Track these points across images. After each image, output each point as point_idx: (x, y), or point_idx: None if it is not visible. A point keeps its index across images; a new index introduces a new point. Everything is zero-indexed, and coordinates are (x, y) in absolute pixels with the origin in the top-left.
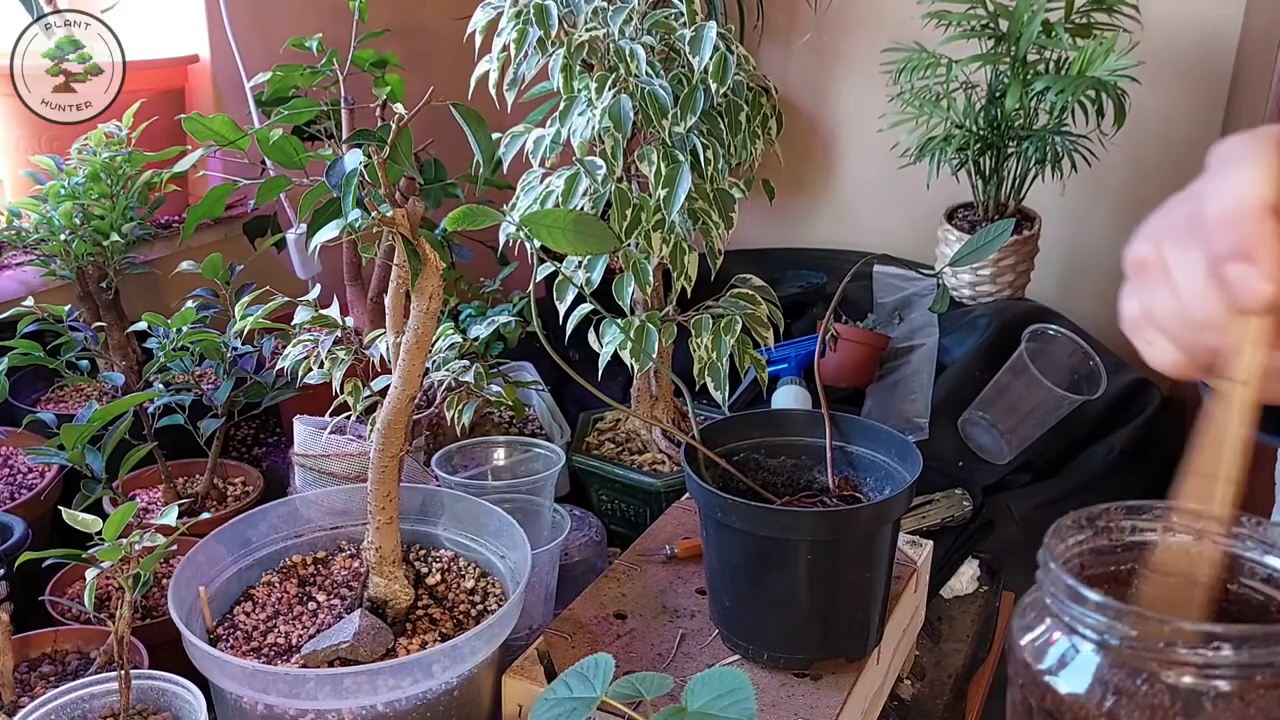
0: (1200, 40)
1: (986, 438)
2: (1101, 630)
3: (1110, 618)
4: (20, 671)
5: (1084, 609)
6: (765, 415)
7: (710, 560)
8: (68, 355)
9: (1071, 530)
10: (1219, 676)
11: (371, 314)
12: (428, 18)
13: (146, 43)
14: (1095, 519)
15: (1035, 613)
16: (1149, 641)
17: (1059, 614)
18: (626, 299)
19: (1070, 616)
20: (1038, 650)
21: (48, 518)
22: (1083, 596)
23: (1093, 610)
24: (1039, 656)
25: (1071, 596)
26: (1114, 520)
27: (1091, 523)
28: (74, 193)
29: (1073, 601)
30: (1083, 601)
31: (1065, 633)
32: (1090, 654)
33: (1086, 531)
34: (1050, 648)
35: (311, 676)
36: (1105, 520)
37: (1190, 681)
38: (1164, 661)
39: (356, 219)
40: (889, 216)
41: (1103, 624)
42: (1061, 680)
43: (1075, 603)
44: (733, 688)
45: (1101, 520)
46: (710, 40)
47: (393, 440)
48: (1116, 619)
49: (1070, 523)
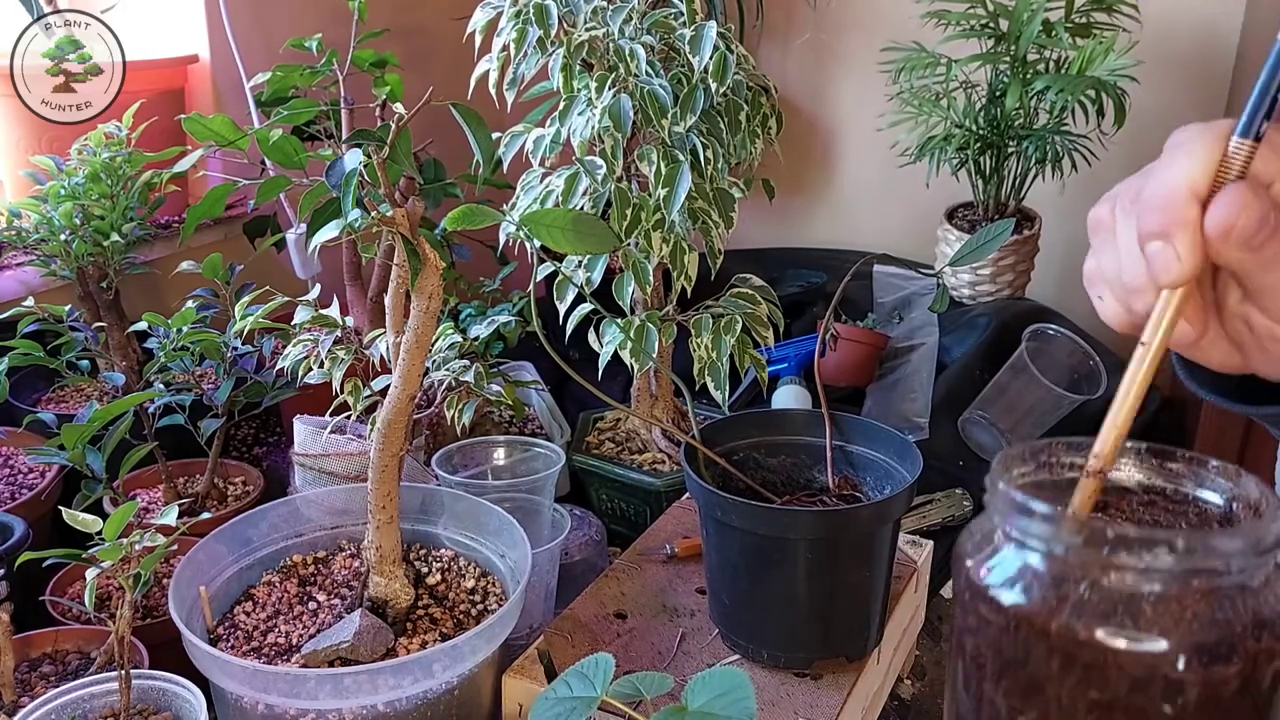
0: (1200, 40)
1: (986, 437)
2: (1047, 539)
3: (1055, 526)
4: (20, 671)
5: (1030, 520)
6: (765, 415)
7: (710, 560)
8: (68, 355)
9: (1016, 462)
10: (1158, 579)
11: (371, 314)
12: (428, 18)
13: (146, 43)
14: (1039, 453)
15: (981, 534)
16: (1093, 547)
17: (1007, 530)
18: (626, 299)
19: (1018, 530)
20: (985, 569)
21: (48, 518)
22: (1029, 509)
23: (1039, 520)
24: (986, 574)
25: (1019, 510)
26: (1055, 455)
27: (1035, 456)
28: (74, 193)
29: (1020, 514)
30: (1029, 513)
31: (1013, 547)
32: (1037, 564)
33: (1030, 464)
34: (998, 565)
35: (312, 676)
36: (1047, 455)
37: (1131, 585)
38: (1106, 566)
39: (356, 219)
40: (889, 216)
41: (1048, 533)
42: (1008, 593)
43: (1023, 515)
44: (733, 687)
45: (1044, 455)
46: (710, 40)
47: (393, 440)
48: (1061, 527)
49: (1015, 454)
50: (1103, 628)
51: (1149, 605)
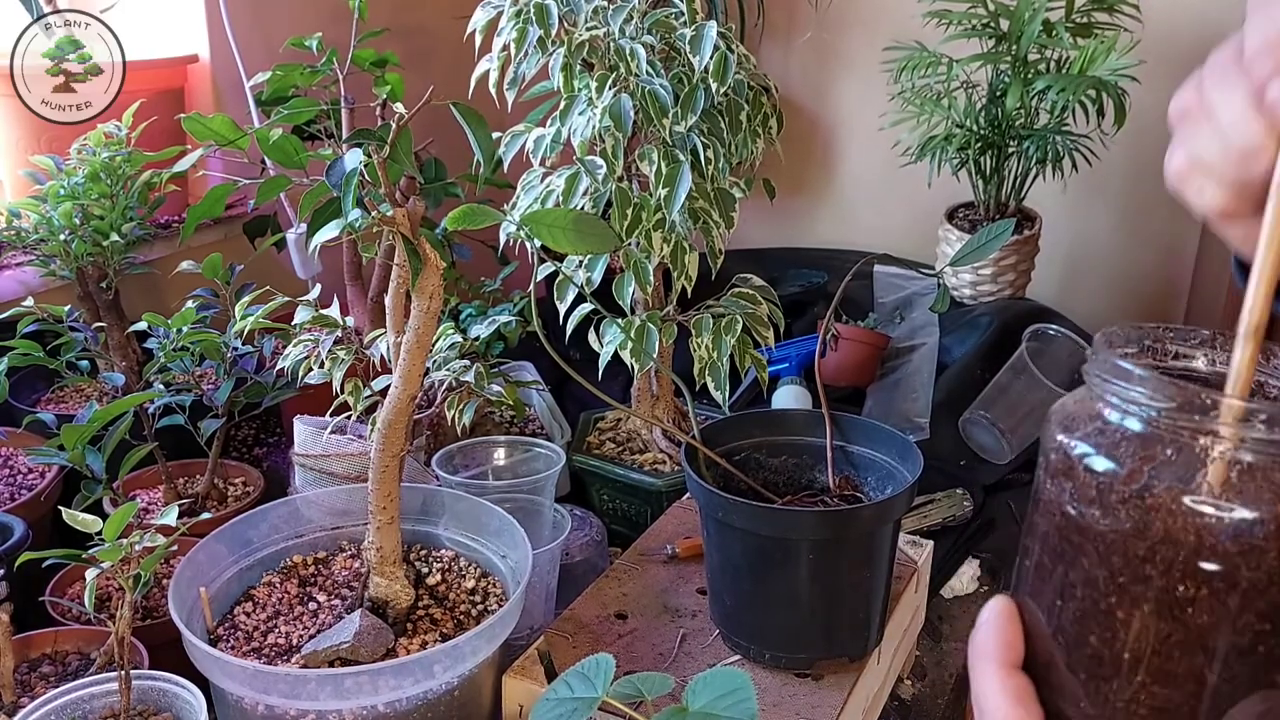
0: (1201, 40)
1: (987, 437)
2: (1143, 403)
3: (1152, 389)
4: (20, 672)
5: (1128, 383)
6: (766, 415)
7: (711, 560)
8: (68, 355)
9: (1120, 340)
10: (1249, 449)
11: (372, 314)
12: (428, 17)
13: (146, 43)
14: (1143, 336)
15: (1076, 403)
16: (1188, 412)
17: (1104, 394)
18: (627, 299)
19: (1114, 393)
20: (1078, 437)
21: (48, 518)
22: (1127, 371)
23: (1136, 384)
24: (1078, 444)
25: (1117, 374)
26: (1160, 342)
27: (1139, 340)
28: (74, 193)
29: (1118, 379)
30: (1127, 376)
31: (1110, 411)
32: (1132, 428)
33: (1134, 346)
34: (1091, 432)
35: (312, 677)
36: (1152, 340)
37: (1222, 451)
38: (1199, 431)
39: (356, 219)
40: (889, 216)
41: (1144, 395)
42: (1099, 459)
43: (1120, 379)
44: (734, 688)
45: (1149, 339)
46: (710, 39)
47: (393, 440)
48: (1158, 390)
49: (1120, 333)
50: (1190, 495)
51: (1235, 474)
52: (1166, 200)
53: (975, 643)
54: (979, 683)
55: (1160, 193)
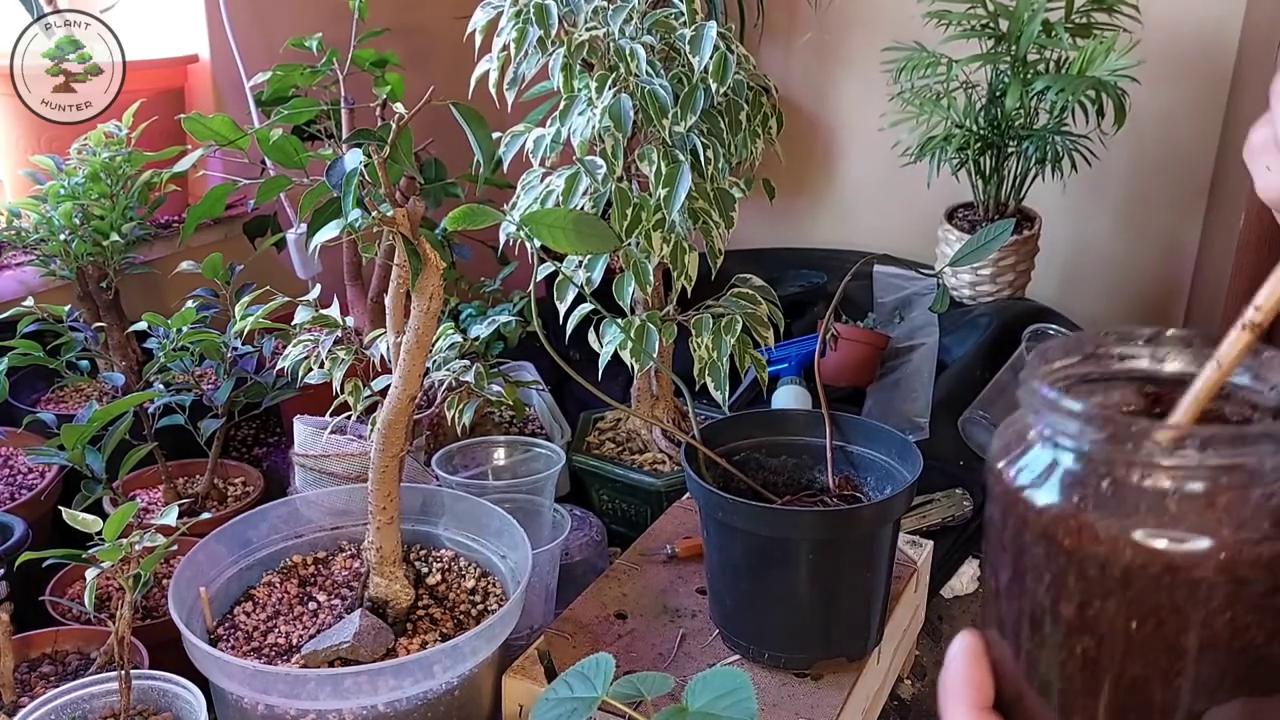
0: (1200, 40)
1: (987, 437)
2: (1075, 436)
3: (1083, 422)
4: (20, 671)
5: (1059, 417)
6: (765, 415)
7: (711, 560)
8: (68, 355)
9: (1058, 354)
10: (1186, 478)
11: (371, 314)
12: (428, 18)
13: (146, 43)
14: (1084, 343)
15: (1014, 432)
16: (1119, 444)
17: (1039, 427)
18: (627, 299)
19: (1048, 427)
20: (1017, 469)
21: (48, 518)
22: (1058, 405)
23: (1067, 417)
24: (1017, 475)
25: (1049, 406)
26: (1104, 346)
27: (1079, 347)
28: (74, 193)
29: (1050, 411)
30: (1058, 409)
31: (1044, 445)
32: (1067, 463)
33: (1074, 356)
34: (1029, 464)
35: (312, 677)
36: (1094, 346)
37: (1159, 483)
38: (1133, 463)
39: (356, 219)
40: (889, 216)
41: (1076, 429)
42: (1040, 493)
43: (1052, 411)
44: (734, 687)
45: (1089, 346)
46: (710, 40)
47: (393, 440)
48: (1088, 423)
49: (1058, 347)
50: (1141, 528)
51: (1174, 503)
52: (1166, 200)
53: (944, 683)
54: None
55: (1160, 193)
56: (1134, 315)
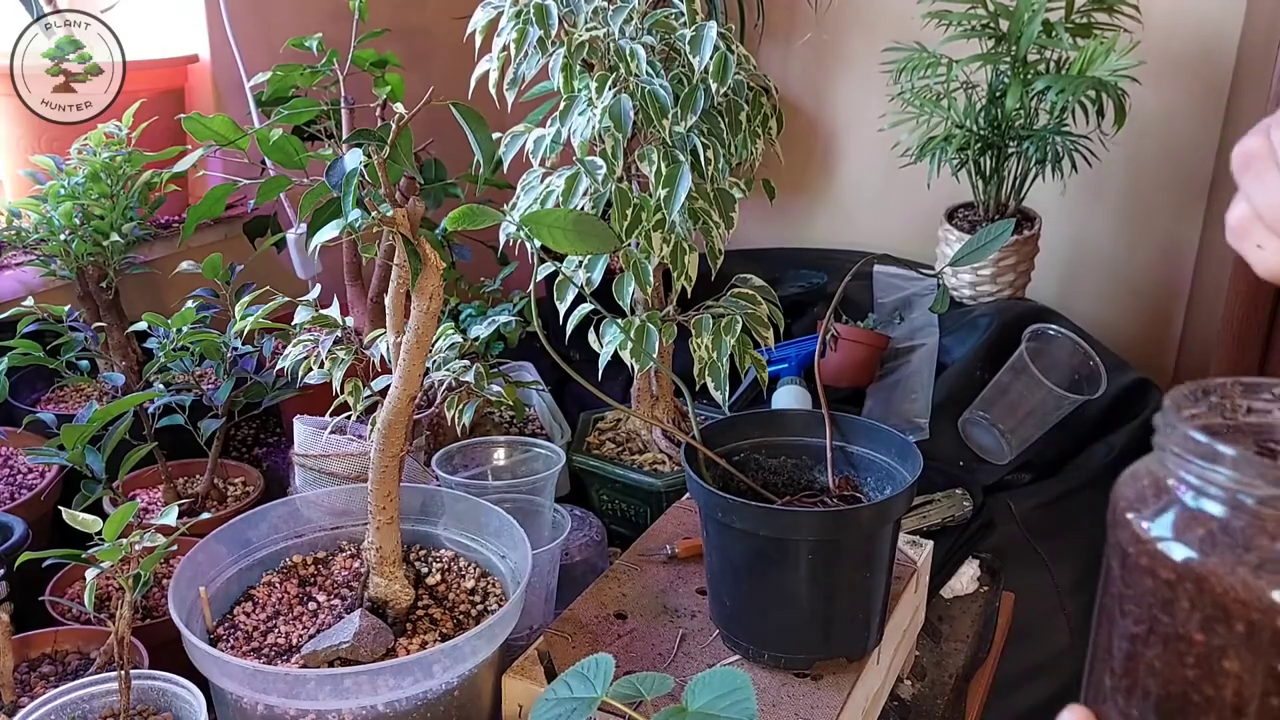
0: (1200, 40)
1: (987, 437)
2: (1232, 488)
3: (1244, 473)
4: (20, 671)
5: (1213, 465)
6: (765, 415)
7: (711, 560)
8: (68, 355)
9: (1187, 402)
10: None
11: (371, 314)
12: (428, 18)
13: (146, 43)
14: (1210, 392)
15: (1149, 479)
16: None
17: (1182, 474)
18: (627, 299)
19: (1196, 476)
20: (1151, 518)
21: (48, 518)
22: (1215, 452)
23: (1226, 466)
24: (1153, 525)
25: (1200, 453)
26: (1229, 397)
27: (1205, 397)
28: (74, 193)
29: (1201, 459)
30: (1215, 458)
31: (1190, 494)
32: (1218, 514)
33: (1200, 405)
34: (1167, 513)
35: (312, 677)
36: (1219, 396)
37: None
38: None
39: (356, 219)
40: (889, 216)
41: (1234, 479)
42: (1179, 547)
43: (1204, 459)
44: (733, 688)
45: (1216, 396)
46: (710, 40)
47: (393, 440)
48: (1251, 473)
49: (1185, 393)
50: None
51: None
52: (1166, 200)
53: None
54: None
55: (1160, 193)
56: (1134, 315)
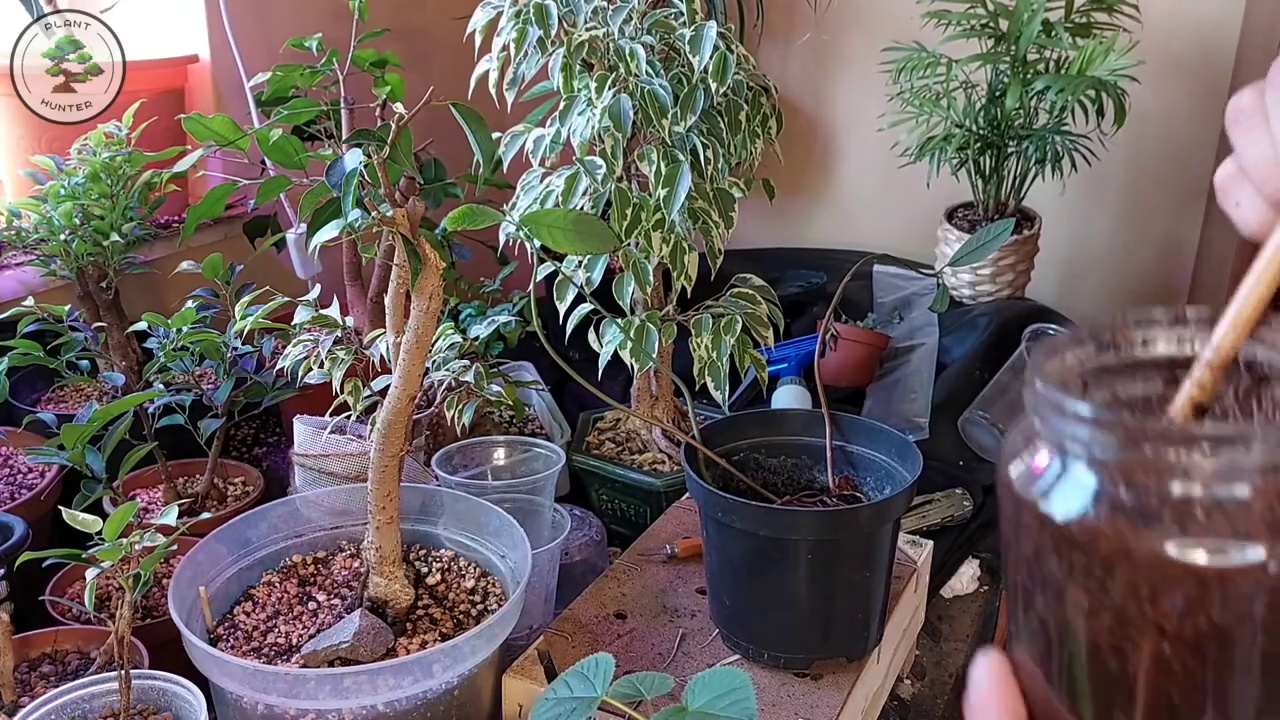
0: (1200, 40)
1: (987, 437)
2: (1085, 442)
3: (1091, 426)
4: (20, 671)
5: (1064, 421)
6: (765, 415)
7: (710, 560)
8: (68, 355)
9: (1069, 345)
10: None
11: (371, 314)
12: (428, 18)
13: (146, 43)
14: (1101, 333)
15: (1022, 438)
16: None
17: (1046, 434)
18: (626, 299)
19: (1055, 433)
20: (1026, 478)
21: (48, 518)
22: (1062, 407)
23: (1073, 421)
24: (1028, 484)
25: (1052, 409)
26: (1122, 334)
27: (1095, 337)
28: (74, 193)
29: (1054, 414)
30: (1062, 412)
31: (1052, 453)
32: (1079, 471)
33: (1089, 346)
34: (1040, 473)
35: (312, 676)
36: (1111, 334)
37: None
38: (1152, 468)
39: (356, 219)
40: (889, 216)
41: (1084, 434)
42: (1055, 505)
43: (1056, 415)
44: (733, 687)
45: (1108, 334)
46: (710, 40)
47: (393, 440)
48: (1096, 427)
49: (1067, 339)
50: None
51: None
52: (1166, 200)
53: (971, 708)
54: None
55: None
56: None
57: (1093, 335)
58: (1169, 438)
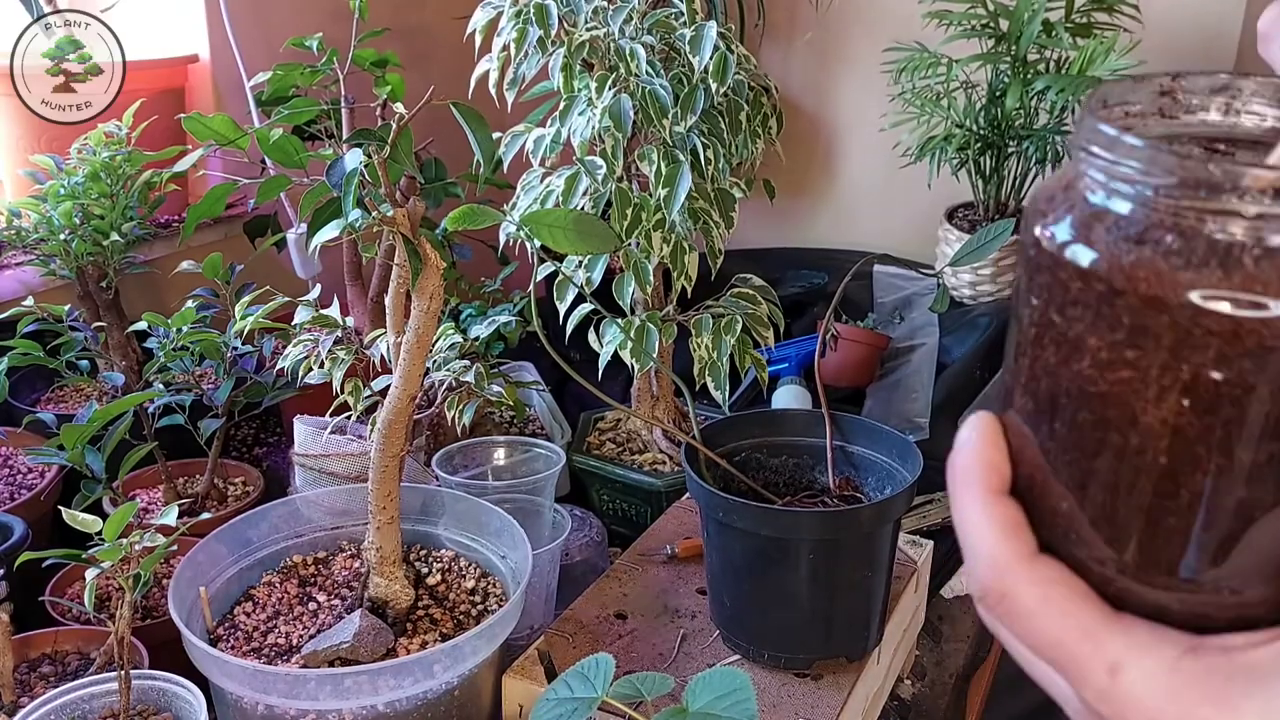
0: (1200, 40)
1: None
2: (1138, 179)
3: (1148, 162)
4: (20, 672)
5: (1119, 156)
6: (766, 415)
7: (711, 560)
8: (68, 355)
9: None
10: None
11: (372, 314)
12: (428, 18)
13: (146, 43)
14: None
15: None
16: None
17: (1091, 173)
18: (627, 299)
19: (1103, 173)
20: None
21: (48, 518)
22: (1121, 143)
23: (1129, 155)
24: (1058, 232)
25: (1107, 145)
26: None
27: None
28: (74, 192)
29: (1108, 150)
30: (1118, 147)
31: (1095, 194)
32: (1123, 211)
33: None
34: (1075, 218)
35: (312, 677)
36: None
37: (1236, 235)
38: (1207, 211)
39: (357, 219)
40: (889, 216)
41: (1139, 170)
42: (1084, 250)
43: (1110, 150)
44: (734, 688)
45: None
46: (710, 40)
47: (393, 440)
48: (1154, 163)
49: (1118, 89)
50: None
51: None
52: None
53: (955, 467)
54: (961, 512)
55: None
56: None
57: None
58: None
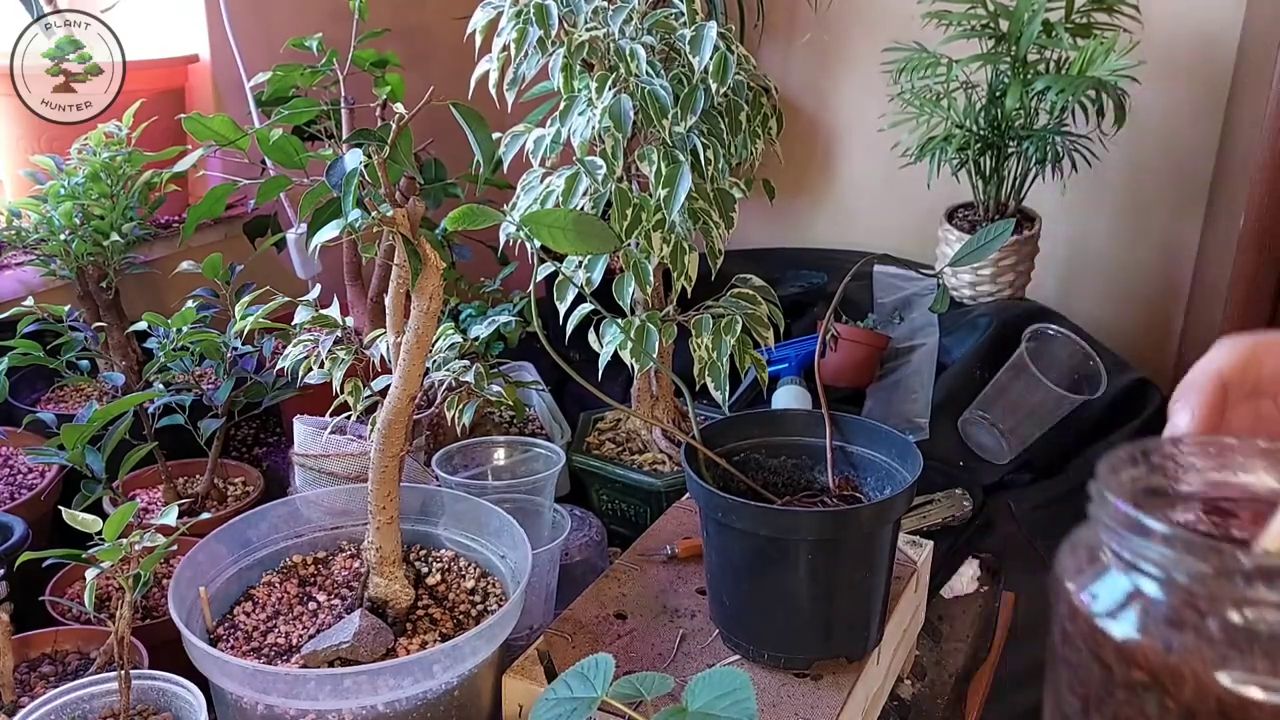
0: (1200, 40)
1: (987, 437)
2: (1167, 566)
3: (1178, 551)
4: (20, 672)
5: (1146, 541)
6: (765, 415)
7: (710, 560)
8: (68, 355)
9: (1125, 464)
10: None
11: (371, 314)
12: (428, 18)
13: (146, 43)
14: (1151, 454)
15: (1086, 551)
16: (1223, 577)
17: (1116, 549)
18: (626, 299)
19: (1130, 551)
20: (1090, 594)
21: (48, 518)
22: (1146, 528)
23: (1158, 543)
24: (1092, 601)
25: (1132, 528)
26: (1173, 458)
27: (1147, 458)
28: (74, 193)
29: (1133, 534)
30: (1146, 534)
31: (1123, 570)
32: (1152, 592)
33: (1141, 467)
34: (1104, 589)
35: (312, 677)
36: (1161, 456)
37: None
38: (1239, 600)
39: (356, 219)
40: (889, 216)
41: (1168, 558)
42: (1117, 625)
43: (1136, 535)
44: (733, 688)
45: (1158, 456)
46: (710, 40)
47: (393, 440)
48: (1186, 552)
49: (1124, 455)
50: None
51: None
52: (1166, 200)
53: None
54: None
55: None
56: (1134, 315)
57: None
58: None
